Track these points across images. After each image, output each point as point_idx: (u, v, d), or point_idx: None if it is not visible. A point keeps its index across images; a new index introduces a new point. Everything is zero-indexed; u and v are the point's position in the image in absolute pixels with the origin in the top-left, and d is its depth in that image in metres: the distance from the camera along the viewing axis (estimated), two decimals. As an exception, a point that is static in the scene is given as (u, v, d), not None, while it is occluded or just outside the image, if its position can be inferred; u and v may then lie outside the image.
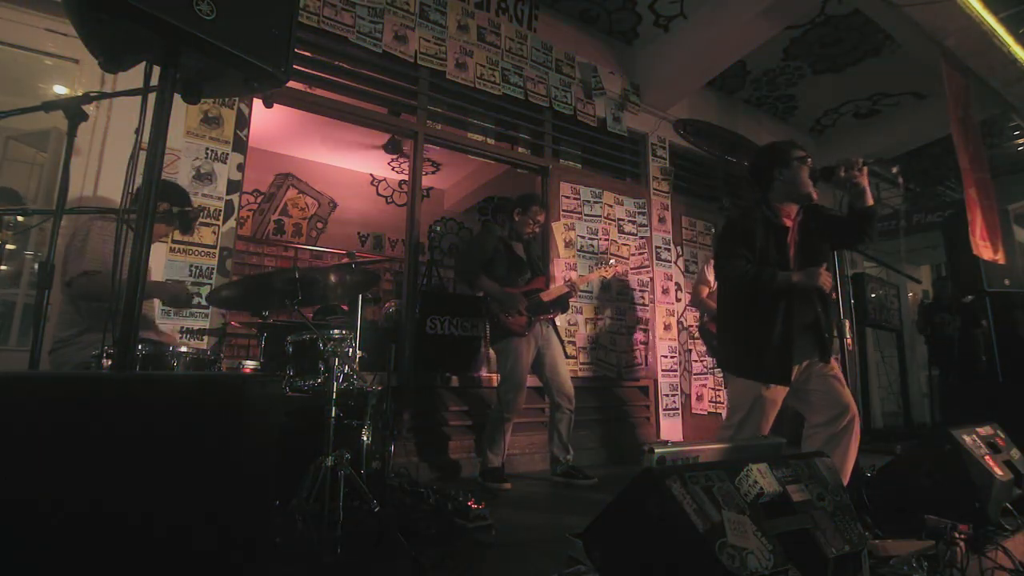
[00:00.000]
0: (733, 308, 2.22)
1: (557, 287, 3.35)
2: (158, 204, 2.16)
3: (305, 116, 4.15)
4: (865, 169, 2.02)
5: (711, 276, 3.66)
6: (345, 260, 2.96)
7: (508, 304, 3.13)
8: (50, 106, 1.58)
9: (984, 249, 3.66)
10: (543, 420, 3.78)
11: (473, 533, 2.00)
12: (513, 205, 3.39)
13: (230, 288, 2.19)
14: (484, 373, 3.73)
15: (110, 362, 1.64)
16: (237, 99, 3.03)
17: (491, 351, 3.47)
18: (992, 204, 3.87)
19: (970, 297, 4.16)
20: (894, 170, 2.15)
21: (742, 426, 2.09)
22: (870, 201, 2.06)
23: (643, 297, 4.64)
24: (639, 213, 4.78)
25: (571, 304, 4.15)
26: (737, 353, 2.18)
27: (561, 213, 4.28)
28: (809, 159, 2.13)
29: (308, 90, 3.50)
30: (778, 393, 2.07)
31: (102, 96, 2.20)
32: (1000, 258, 3.69)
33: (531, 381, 3.42)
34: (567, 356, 4.03)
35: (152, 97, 1.13)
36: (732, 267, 2.10)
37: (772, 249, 2.11)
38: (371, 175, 7.22)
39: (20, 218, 1.86)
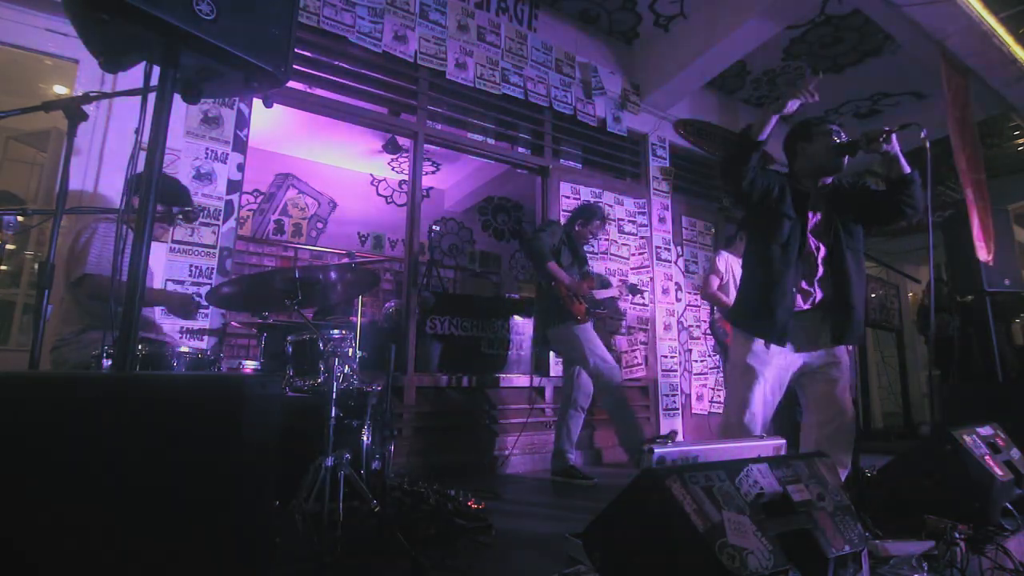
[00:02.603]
0: (750, 267, 2.20)
1: (609, 289, 3.41)
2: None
3: (305, 116, 4.15)
4: (894, 137, 1.97)
5: (721, 266, 3.64)
6: (345, 260, 2.96)
7: (575, 288, 3.19)
8: (50, 106, 1.58)
9: (980, 250, 3.66)
10: (544, 420, 3.78)
11: (473, 533, 2.00)
12: (576, 215, 3.48)
13: (230, 286, 2.19)
14: (483, 373, 3.74)
15: (110, 362, 1.64)
16: (237, 99, 3.03)
17: (548, 339, 3.43)
18: (987, 205, 3.87)
19: (969, 297, 4.16)
20: (922, 135, 2.06)
21: (731, 406, 2.09)
22: (906, 168, 2.00)
23: (643, 297, 4.63)
24: (639, 213, 4.78)
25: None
26: (742, 303, 2.18)
27: (561, 213, 4.27)
28: (834, 133, 2.10)
29: (308, 90, 3.50)
30: (767, 360, 2.04)
31: (102, 96, 2.19)
32: (991, 259, 3.70)
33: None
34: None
35: (152, 97, 1.13)
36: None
37: (788, 207, 2.06)
38: (371, 175, 7.22)
39: (20, 218, 1.85)
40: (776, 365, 2.06)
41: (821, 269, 2.09)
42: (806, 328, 2.08)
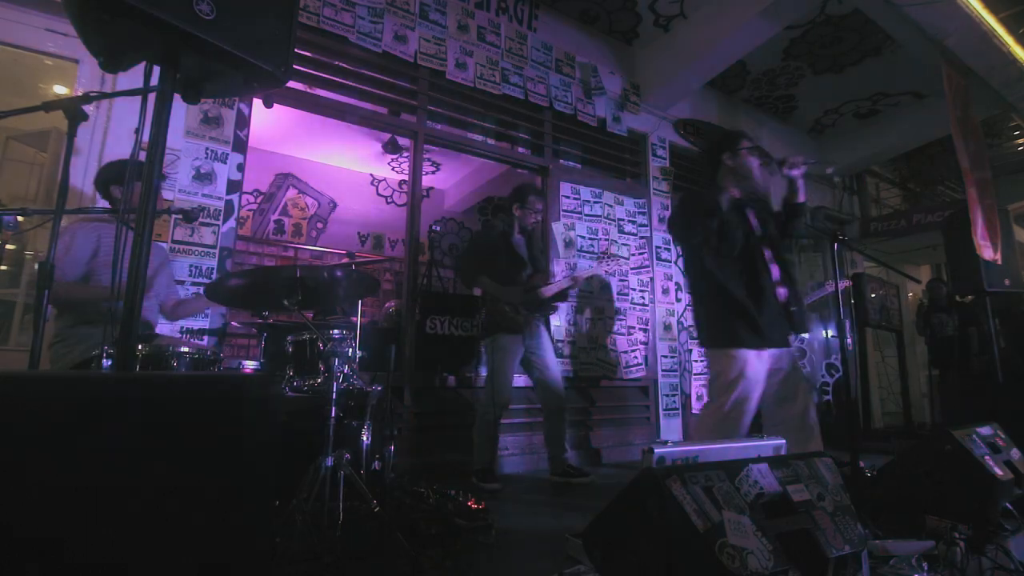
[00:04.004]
0: (708, 282, 2.23)
1: (559, 282, 3.34)
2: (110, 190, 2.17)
3: (305, 116, 4.15)
4: (804, 167, 2.17)
5: None
6: (345, 260, 2.96)
7: (509, 299, 3.13)
8: (50, 106, 1.58)
9: (985, 249, 3.65)
10: (541, 420, 3.77)
11: (473, 533, 2.00)
12: (511, 200, 3.39)
13: (230, 281, 2.18)
14: (484, 372, 3.73)
15: (110, 362, 1.64)
16: (237, 99, 3.03)
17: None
18: (993, 203, 3.86)
19: (969, 297, 4.16)
20: (828, 170, 2.33)
21: (732, 407, 2.09)
22: (801, 198, 2.24)
23: (643, 297, 4.64)
24: (639, 213, 4.78)
25: (572, 304, 4.16)
26: (720, 325, 2.17)
27: (561, 213, 4.27)
28: (757, 150, 2.26)
29: (308, 90, 3.50)
30: (759, 367, 2.11)
31: (102, 96, 2.20)
32: (999, 258, 3.69)
33: (524, 380, 3.42)
34: (563, 355, 4.04)
35: (152, 97, 1.13)
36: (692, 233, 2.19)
37: (734, 216, 2.20)
38: (371, 175, 7.22)
39: (20, 218, 1.85)
40: (762, 365, 2.13)
41: (776, 270, 2.22)
42: (778, 327, 2.18)
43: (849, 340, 5.12)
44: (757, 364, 2.09)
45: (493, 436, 3.10)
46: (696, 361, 4.91)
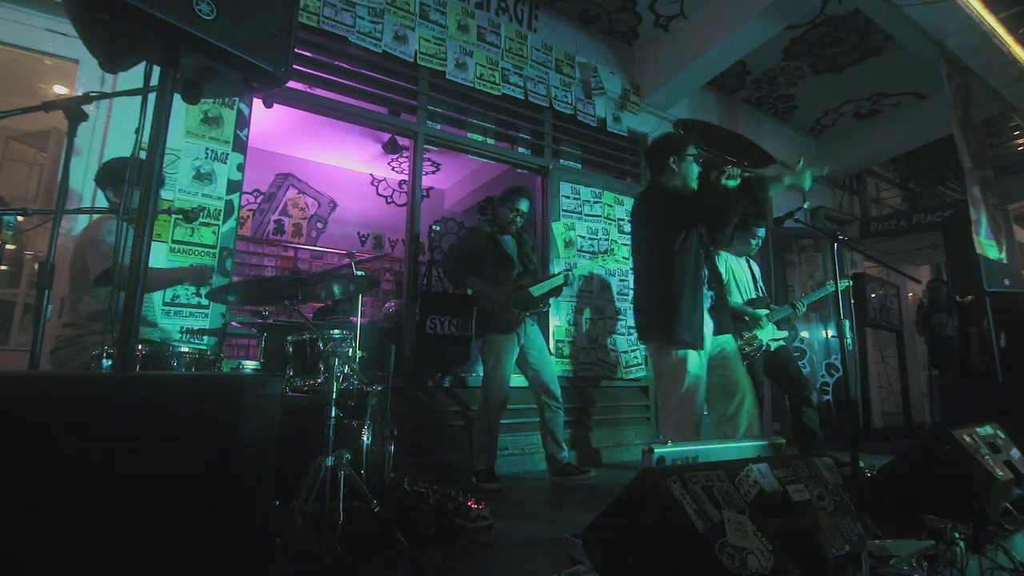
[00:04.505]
0: (659, 278, 2.29)
1: (550, 280, 3.32)
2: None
3: (305, 116, 4.15)
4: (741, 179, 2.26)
5: (720, 268, 3.62)
6: (345, 260, 2.96)
7: (498, 298, 3.13)
8: (50, 106, 1.58)
9: (989, 248, 3.65)
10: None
11: (473, 533, 2.00)
12: (498, 200, 3.42)
13: (232, 289, 2.19)
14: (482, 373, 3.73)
15: (110, 362, 1.64)
16: (237, 99, 3.03)
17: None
18: (997, 202, 3.86)
19: (969, 297, 4.16)
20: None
21: (683, 405, 2.15)
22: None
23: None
24: (639, 213, 4.77)
25: (572, 304, 4.16)
26: (667, 320, 2.20)
27: (561, 213, 4.27)
28: (699, 158, 2.40)
29: (308, 90, 3.49)
30: (699, 363, 2.18)
31: (102, 96, 2.19)
32: (1005, 257, 3.69)
33: (518, 380, 3.42)
34: (564, 355, 4.04)
35: (152, 97, 1.13)
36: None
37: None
38: (371, 175, 7.22)
39: (20, 218, 1.85)
40: (702, 361, 2.21)
41: (708, 271, 2.31)
42: (703, 327, 2.24)
43: (849, 340, 5.11)
44: (697, 360, 2.17)
45: (493, 436, 3.10)
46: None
